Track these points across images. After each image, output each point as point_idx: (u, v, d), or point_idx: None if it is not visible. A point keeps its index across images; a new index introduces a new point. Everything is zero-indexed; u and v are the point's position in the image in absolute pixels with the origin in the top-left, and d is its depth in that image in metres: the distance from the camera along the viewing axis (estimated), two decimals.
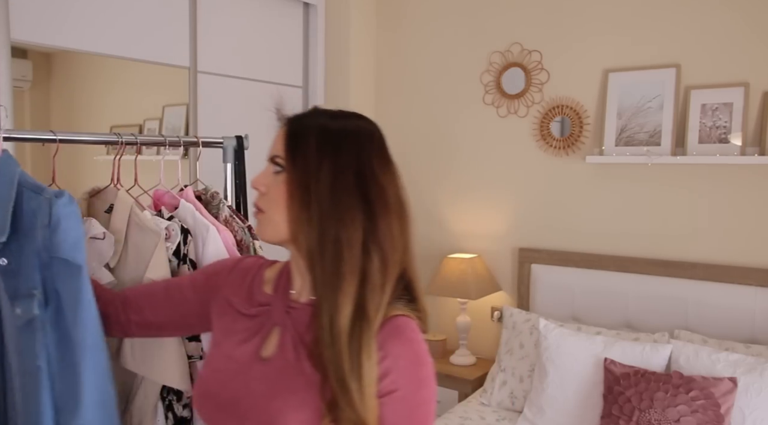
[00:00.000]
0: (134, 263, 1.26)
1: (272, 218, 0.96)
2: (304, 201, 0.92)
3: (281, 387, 0.92)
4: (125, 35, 2.30)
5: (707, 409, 1.97)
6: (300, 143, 0.95)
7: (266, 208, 0.97)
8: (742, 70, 2.42)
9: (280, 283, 1.04)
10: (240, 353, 0.99)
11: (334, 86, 3.19)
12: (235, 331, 1.03)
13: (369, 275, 0.90)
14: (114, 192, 1.34)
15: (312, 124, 0.97)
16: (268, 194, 0.98)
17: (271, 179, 0.98)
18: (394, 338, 0.90)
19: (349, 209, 0.91)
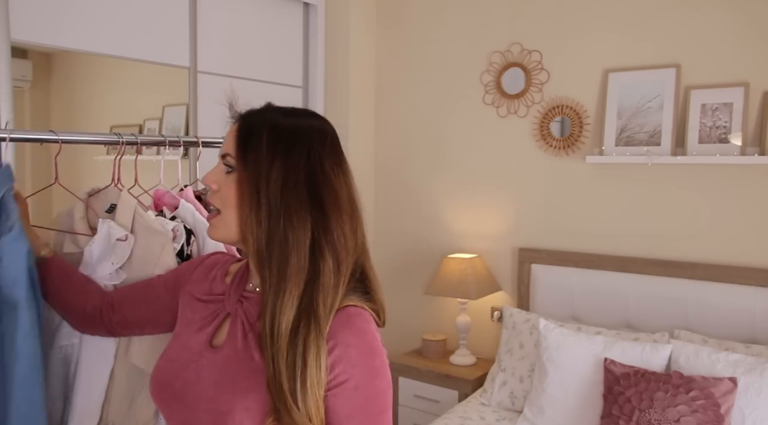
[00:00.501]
0: (140, 264, 1.26)
1: (225, 219, 0.96)
2: (253, 202, 0.92)
3: (229, 375, 0.93)
4: (125, 35, 2.30)
5: (707, 409, 1.97)
6: (251, 142, 0.94)
7: (221, 208, 0.97)
8: (742, 70, 2.42)
9: (238, 275, 1.05)
10: (194, 342, 1.01)
11: (334, 86, 3.19)
12: (192, 321, 1.04)
13: (321, 275, 0.90)
14: (114, 192, 1.34)
15: (264, 122, 0.96)
16: (219, 192, 0.97)
17: (223, 177, 0.97)
18: (344, 327, 0.90)
19: (299, 211, 0.91)
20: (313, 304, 0.89)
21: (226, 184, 0.96)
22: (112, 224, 1.27)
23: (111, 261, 1.25)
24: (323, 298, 0.89)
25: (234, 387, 0.91)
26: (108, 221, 1.27)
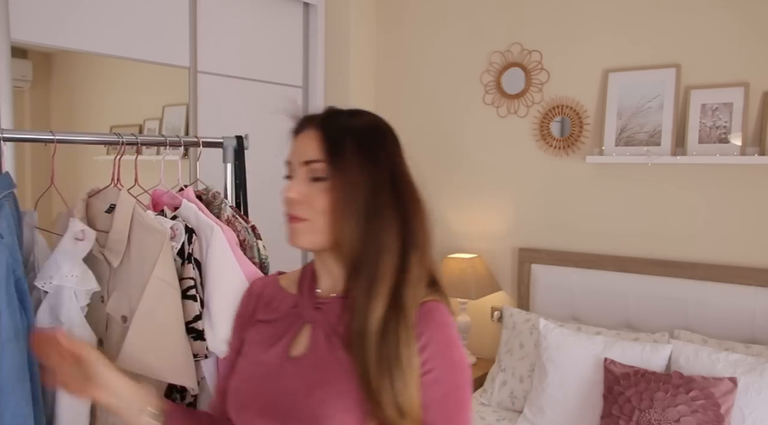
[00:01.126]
0: (138, 263, 1.26)
1: (315, 227, 0.96)
2: (349, 208, 0.94)
3: (321, 381, 0.93)
4: (125, 35, 2.30)
5: (707, 409, 1.97)
6: (339, 148, 0.95)
7: (309, 216, 0.96)
8: (742, 70, 2.42)
9: (305, 284, 1.05)
10: (268, 357, 1.00)
11: (334, 86, 3.18)
12: (262, 339, 1.03)
13: (409, 271, 0.94)
14: (114, 192, 1.34)
15: (344, 127, 0.98)
16: (306, 202, 0.96)
17: (308, 186, 0.97)
18: (427, 321, 0.93)
19: (388, 211, 0.95)
20: (402, 299, 0.92)
21: (312, 192, 0.96)
22: (76, 223, 1.25)
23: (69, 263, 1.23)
24: (412, 293, 0.93)
25: (327, 391, 0.91)
26: (74, 220, 1.26)
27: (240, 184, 1.68)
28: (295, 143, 1.00)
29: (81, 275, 1.24)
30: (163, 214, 1.37)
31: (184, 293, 1.29)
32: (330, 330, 0.97)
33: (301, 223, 0.97)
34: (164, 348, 1.23)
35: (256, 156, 2.37)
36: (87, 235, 1.24)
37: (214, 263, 1.31)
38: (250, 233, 1.44)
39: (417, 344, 0.91)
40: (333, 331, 0.97)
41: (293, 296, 1.05)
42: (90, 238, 1.24)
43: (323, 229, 0.96)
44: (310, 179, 0.97)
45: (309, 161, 0.97)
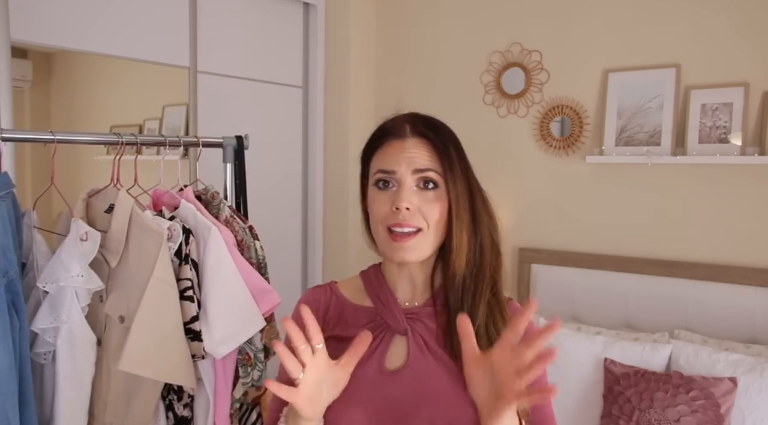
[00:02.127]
0: (136, 262, 1.26)
1: (429, 237, 0.97)
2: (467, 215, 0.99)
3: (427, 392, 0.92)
4: (125, 35, 2.30)
5: (707, 409, 1.97)
6: (449, 157, 0.99)
7: (424, 226, 0.96)
8: (742, 70, 2.42)
9: (380, 294, 1.02)
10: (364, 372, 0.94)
11: (334, 86, 3.18)
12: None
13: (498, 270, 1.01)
14: (114, 192, 1.34)
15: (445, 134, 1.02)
16: (417, 211, 0.96)
17: (418, 195, 0.97)
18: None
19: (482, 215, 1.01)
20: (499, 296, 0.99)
21: (425, 201, 0.96)
22: (79, 224, 1.26)
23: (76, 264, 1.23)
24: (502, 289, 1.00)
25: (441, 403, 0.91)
26: (77, 221, 1.27)
27: (240, 184, 1.68)
28: (397, 149, 0.99)
29: (86, 276, 1.24)
30: (162, 214, 1.37)
31: (182, 294, 1.29)
32: (427, 339, 0.97)
33: (417, 235, 0.96)
34: (164, 348, 1.24)
35: (256, 156, 2.38)
36: (91, 236, 1.25)
37: (210, 264, 1.31)
38: (248, 234, 1.44)
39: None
40: (431, 340, 0.97)
41: (368, 309, 1.02)
42: (94, 239, 1.25)
43: (436, 239, 0.98)
44: (420, 188, 0.97)
45: (422, 169, 0.97)
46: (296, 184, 3.15)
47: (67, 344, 1.25)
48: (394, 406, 0.92)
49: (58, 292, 1.23)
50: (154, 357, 1.22)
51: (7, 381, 1.09)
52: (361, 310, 1.02)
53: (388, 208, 0.96)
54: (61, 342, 1.25)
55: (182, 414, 1.34)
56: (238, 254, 1.38)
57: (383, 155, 1.00)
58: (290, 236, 3.11)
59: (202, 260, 1.32)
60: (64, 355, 1.25)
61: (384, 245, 0.97)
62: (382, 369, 0.96)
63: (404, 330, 0.98)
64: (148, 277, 1.22)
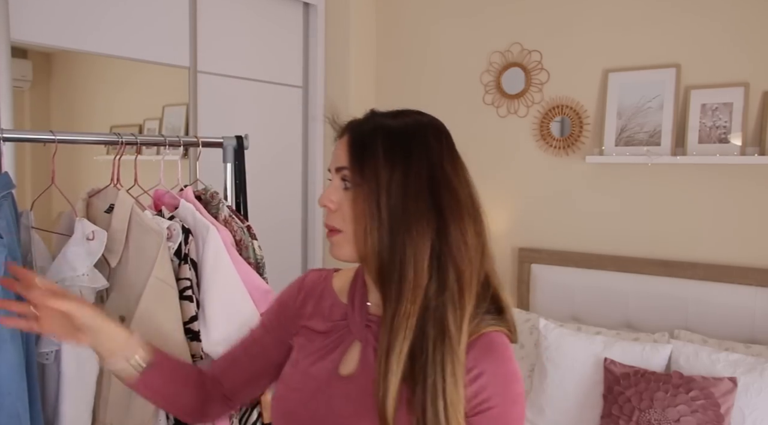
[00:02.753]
0: (135, 262, 1.26)
1: (348, 236, 0.90)
2: (375, 217, 0.85)
3: (367, 407, 0.86)
4: (125, 35, 2.30)
5: (707, 409, 1.97)
6: (366, 153, 0.88)
7: (342, 227, 0.90)
8: (742, 70, 2.42)
9: (356, 294, 0.99)
10: (318, 370, 0.95)
11: (334, 86, 3.18)
12: (312, 349, 0.99)
13: (445, 289, 0.84)
14: (114, 192, 1.34)
15: (375, 128, 0.90)
16: (339, 211, 0.91)
17: (341, 194, 0.91)
18: (487, 354, 0.87)
19: (420, 220, 0.85)
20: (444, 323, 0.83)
21: (346, 201, 0.90)
22: (85, 223, 1.26)
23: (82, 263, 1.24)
24: (451, 312, 0.84)
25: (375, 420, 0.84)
26: (83, 220, 1.27)
27: (240, 184, 1.68)
28: (334, 149, 0.94)
29: (92, 274, 1.25)
30: (162, 214, 1.37)
31: (181, 294, 1.29)
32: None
33: (337, 234, 0.91)
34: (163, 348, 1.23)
35: (256, 156, 2.38)
36: (98, 235, 1.25)
37: (208, 264, 1.31)
38: (246, 234, 1.44)
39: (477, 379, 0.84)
40: None
41: (344, 306, 0.99)
42: (101, 239, 1.25)
43: (359, 240, 0.88)
44: (344, 188, 0.91)
45: (339, 167, 0.91)
46: (296, 184, 3.15)
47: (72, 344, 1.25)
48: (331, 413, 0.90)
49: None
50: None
51: (18, 380, 1.10)
52: (339, 306, 1.00)
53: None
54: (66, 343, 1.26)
55: None
56: (237, 254, 1.38)
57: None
58: (290, 236, 3.11)
59: (200, 260, 1.32)
60: (69, 354, 1.26)
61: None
62: (335, 370, 0.94)
63: (360, 337, 0.94)
64: (147, 277, 1.22)
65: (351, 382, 0.92)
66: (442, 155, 0.91)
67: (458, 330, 0.84)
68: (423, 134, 0.91)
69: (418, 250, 0.84)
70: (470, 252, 0.88)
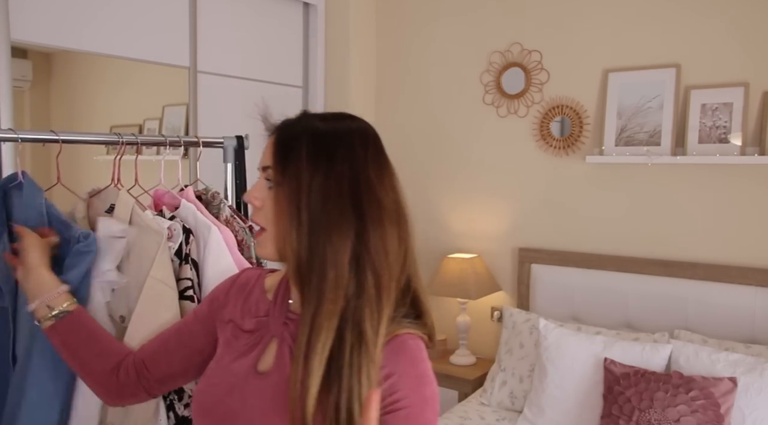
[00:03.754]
0: (136, 262, 1.26)
1: (271, 235, 0.91)
2: (294, 217, 0.86)
3: (279, 403, 0.88)
4: (125, 35, 2.30)
5: (707, 409, 1.97)
6: (290, 153, 0.88)
7: (265, 225, 0.92)
8: (742, 70, 2.42)
9: (280, 292, 1.00)
10: (237, 366, 0.96)
11: (334, 86, 3.18)
12: (235, 345, 1.00)
13: (363, 292, 0.85)
14: (114, 192, 1.34)
15: (302, 130, 0.90)
16: (264, 209, 0.92)
17: (266, 193, 0.92)
18: (399, 355, 0.88)
19: (341, 224, 0.86)
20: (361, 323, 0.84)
21: (268, 199, 0.92)
22: (113, 222, 1.27)
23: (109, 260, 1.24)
24: (369, 316, 0.85)
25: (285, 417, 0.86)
26: (106, 219, 1.27)
27: (240, 184, 1.68)
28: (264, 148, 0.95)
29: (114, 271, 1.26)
30: (162, 214, 1.37)
31: (182, 294, 1.29)
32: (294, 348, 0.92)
33: (262, 233, 0.93)
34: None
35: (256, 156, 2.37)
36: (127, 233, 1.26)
37: (210, 264, 1.31)
38: (248, 234, 1.44)
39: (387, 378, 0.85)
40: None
41: (268, 303, 1.00)
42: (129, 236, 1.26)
43: (281, 239, 0.88)
44: (268, 187, 0.92)
45: (264, 166, 0.92)
46: None
47: None
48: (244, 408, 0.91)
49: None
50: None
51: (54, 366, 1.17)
52: (264, 303, 1.01)
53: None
54: None
55: (183, 414, 1.34)
56: (239, 254, 1.38)
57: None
58: None
59: (201, 260, 1.32)
60: None
61: None
62: (254, 367, 0.95)
63: (277, 334, 0.95)
64: (146, 277, 1.22)
65: (266, 379, 0.92)
66: (367, 160, 0.90)
67: (375, 333, 0.85)
68: (349, 139, 0.90)
69: (338, 253, 0.85)
70: (390, 257, 0.89)
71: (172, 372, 1.10)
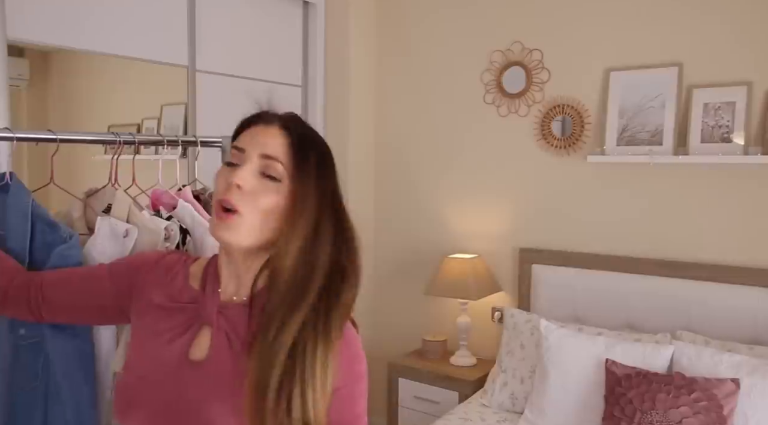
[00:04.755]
0: None
1: (248, 223, 0.92)
2: (299, 218, 0.92)
3: (219, 391, 0.90)
4: (123, 34, 2.28)
5: (710, 411, 1.96)
6: (304, 157, 0.94)
7: (243, 209, 0.91)
8: (745, 69, 2.40)
9: (207, 280, 1.01)
10: (168, 355, 0.95)
11: (334, 86, 3.17)
12: (159, 331, 0.99)
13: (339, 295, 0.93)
14: (112, 192, 1.33)
15: (312, 139, 0.98)
16: (251, 194, 0.92)
17: (256, 179, 0.93)
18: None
19: (327, 231, 0.94)
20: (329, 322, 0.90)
21: (261, 188, 0.92)
22: (113, 221, 1.26)
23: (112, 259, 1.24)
24: (336, 310, 0.92)
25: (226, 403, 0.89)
26: (109, 218, 1.27)
27: None
28: (255, 133, 0.96)
29: None
30: (159, 214, 1.36)
31: None
32: (233, 337, 0.94)
33: (234, 216, 0.92)
34: None
35: None
36: (131, 233, 1.25)
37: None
38: None
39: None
40: (236, 339, 0.94)
41: (193, 291, 1.01)
42: (133, 235, 1.26)
43: (257, 228, 0.92)
44: (262, 175, 0.93)
45: (270, 156, 0.93)
46: None
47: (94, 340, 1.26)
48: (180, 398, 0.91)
49: None
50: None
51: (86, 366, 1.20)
52: (188, 290, 1.01)
53: (225, 183, 0.93)
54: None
55: None
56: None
57: (243, 135, 0.98)
58: None
59: None
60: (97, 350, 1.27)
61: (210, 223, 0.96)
62: (185, 355, 0.95)
63: (210, 322, 0.96)
64: None
65: (202, 367, 0.93)
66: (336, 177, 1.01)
67: (340, 327, 0.92)
68: (330, 152, 1.01)
69: (324, 256, 0.93)
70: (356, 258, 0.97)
71: (63, 305, 1.12)
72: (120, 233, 1.25)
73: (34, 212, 1.19)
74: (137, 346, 1.01)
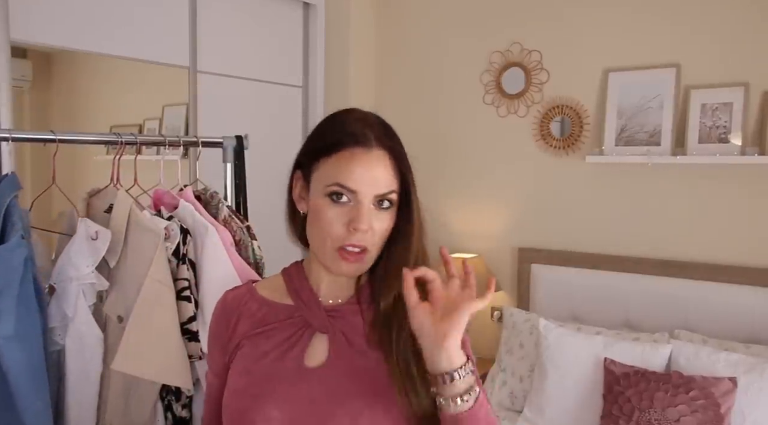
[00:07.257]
0: (133, 262, 1.26)
1: (375, 252, 0.95)
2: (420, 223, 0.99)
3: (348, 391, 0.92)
4: (125, 35, 2.30)
5: (707, 409, 1.97)
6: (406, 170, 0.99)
7: (371, 246, 0.93)
8: (742, 70, 2.42)
9: (303, 292, 1.00)
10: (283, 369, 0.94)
11: (334, 86, 3.18)
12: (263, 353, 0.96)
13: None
14: (113, 192, 1.34)
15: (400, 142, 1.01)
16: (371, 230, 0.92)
17: (375, 214, 0.93)
18: None
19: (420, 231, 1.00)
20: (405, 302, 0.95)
21: (379, 220, 0.93)
22: (89, 223, 1.26)
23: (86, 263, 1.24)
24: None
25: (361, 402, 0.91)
26: (85, 220, 1.27)
27: (240, 184, 1.68)
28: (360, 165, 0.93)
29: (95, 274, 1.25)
30: (160, 214, 1.37)
31: (179, 294, 1.29)
32: (351, 335, 0.96)
33: (364, 255, 0.93)
34: (160, 349, 1.23)
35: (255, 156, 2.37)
36: (101, 235, 1.25)
37: (207, 264, 1.31)
38: (246, 234, 1.44)
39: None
40: (355, 336, 0.96)
41: (287, 307, 0.99)
42: (105, 238, 1.25)
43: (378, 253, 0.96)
44: (376, 209, 0.94)
45: (384, 194, 0.94)
46: None
47: (76, 342, 1.25)
48: (313, 404, 0.91)
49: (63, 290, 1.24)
50: (148, 357, 1.22)
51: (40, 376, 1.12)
52: (280, 308, 1.00)
53: (343, 227, 0.91)
54: (70, 341, 1.26)
55: (181, 414, 1.34)
56: (236, 254, 1.38)
57: (344, 166, 0.92)
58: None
59: (199, 260, 1.32)
60: (73, 353, 1.26)
61: (329, 259, 0.93)
62: (301, 365, 0.94)
63: (325, 328, 0.96)
64: (144, 277, 1.22)
65: (323, 371, 0.94)
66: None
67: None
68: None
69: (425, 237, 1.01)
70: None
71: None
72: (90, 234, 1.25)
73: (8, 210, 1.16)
74: (243, 372, 0.97)
